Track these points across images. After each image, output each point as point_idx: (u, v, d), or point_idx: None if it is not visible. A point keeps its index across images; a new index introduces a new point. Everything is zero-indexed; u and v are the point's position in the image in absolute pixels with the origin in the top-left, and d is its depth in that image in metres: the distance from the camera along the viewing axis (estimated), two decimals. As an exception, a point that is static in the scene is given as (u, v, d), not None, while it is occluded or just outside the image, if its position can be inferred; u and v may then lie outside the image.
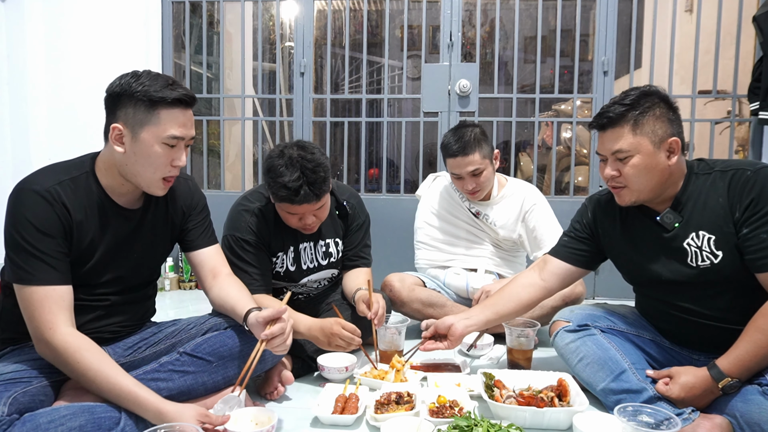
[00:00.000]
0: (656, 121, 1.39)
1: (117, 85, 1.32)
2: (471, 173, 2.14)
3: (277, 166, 1.67)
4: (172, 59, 3.25)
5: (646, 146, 1.39)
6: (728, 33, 2.94)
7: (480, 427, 1.29)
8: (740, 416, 1.29)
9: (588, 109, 3.27)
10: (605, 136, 1.44)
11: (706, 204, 1.41)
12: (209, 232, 1.64)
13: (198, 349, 1.44)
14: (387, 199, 3.12)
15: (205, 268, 1.60)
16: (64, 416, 1.15)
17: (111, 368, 1.25)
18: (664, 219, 1.46)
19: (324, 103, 3.36)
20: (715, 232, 1.39)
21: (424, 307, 2.18)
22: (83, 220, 1.34)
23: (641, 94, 1.41)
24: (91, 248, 1.37)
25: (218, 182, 3.44)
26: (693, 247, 1.42)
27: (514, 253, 2.39)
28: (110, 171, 1.38)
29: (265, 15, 3.92)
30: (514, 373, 1.67)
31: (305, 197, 1.67)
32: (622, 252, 1.59)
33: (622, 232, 1.58)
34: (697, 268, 1.42)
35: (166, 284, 3.12)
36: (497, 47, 3.13)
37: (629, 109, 1.40)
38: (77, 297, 1.35)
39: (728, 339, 1.37)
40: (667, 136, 1.40)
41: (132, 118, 1.30)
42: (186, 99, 1.34)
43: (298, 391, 1.70)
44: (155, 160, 1.33)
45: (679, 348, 1.57)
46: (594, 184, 3.03)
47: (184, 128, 1.34)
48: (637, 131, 1.39)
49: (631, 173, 1.41)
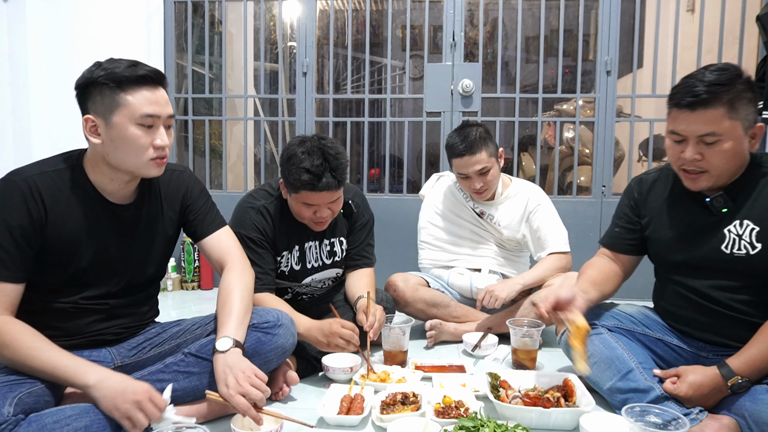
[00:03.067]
0: (748, 106, 1.31)
1: (81, 77, 1.30)
2: (478, 172, 2.14)
3: (298, 153, 1.68)
4: (174, 59, 3.24)
5: (739, 132, 1.31)
6: (731, 32, 2.94)
7: (486, 428, 1.28)
8: (749, 416, 1.28)
9: (590, 109, 3.27)
10: (694, 116, 1.31)
11: (759, 196, 1.38)
12: (212, 216, 1.59)
13: (203, 350, 1.43)
14: (389, 199, 3.12)
15: (213, 258, 1.57)
16: (69, 416, 1.15)
17: (43, 345, 1.22)
18: (714, 202, 1.42)
19: (326, 103, 3.36)
20: (760, 224, 1.37)
21: (428, 307, 2.18)
22: (64, 214, 1.31)
23: (732, 74, 1.30)
24: (76, 245, 1.33)
25: (220, 182, 3.43)
26: (733, 234, 1.40)
27: (518, 253, 2.38)
28: (98, 166, 1.35)
29: (266, 15, 3.92)
30: (519, 373, 1.66)
31: (327, 184, 1.67)
32: (660, 229, 1.55)
33: (666, 209, 1.54)
34: (731, 255, 1.40)
35: (169, 284, 3.12)
36: (500, 47, 3.13)
37: (725, 90, 1.28)
38: (75, 300, 1.34)
39: (742, 333, 1.36)
40: (754, 121, 1.34)
41: (101, 105, 1.28)
42: (152, 75, 1.30)
43: (303, 392, 1.70)
44: (134, 143, 1.29)
45: (687, 344, 1.56)
46: (597, 184, 3.02)
47: (156, 105, 1.30)
48: (732, 115, 1.29)
49: (717, 158, 1.33)
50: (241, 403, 1.27)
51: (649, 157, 3.22)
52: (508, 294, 2.04)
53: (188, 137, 3.27)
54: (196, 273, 3.19)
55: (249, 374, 1.32)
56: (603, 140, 3.00)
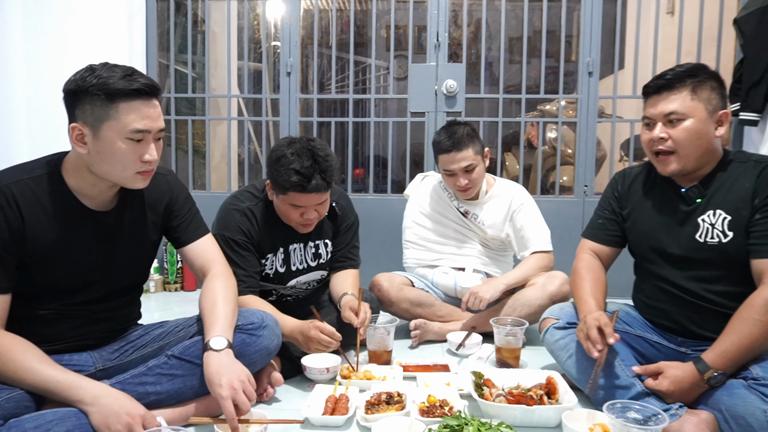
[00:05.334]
0: (711, 92, 1.44)
1: (72, 81, 1.23)
2: (464, 169, 2.15)
3: (287, 154, 1.67)
4: (156, 58, 3.21)
5: (701, 112, 1.43)
6: (709, 35, 2.99)
7: (470, 426, 1.29)
8: (725, 410, 1.31)
9: (573, 110, 3.31)
10: (660, 98, 1.46)
11: (732, 187, 1.46)
12: (196, 224, 1.56)
13: (186, 352, 1.42)
14: (374, 199, 3.12)
15: (195, 266, 1.55)
16: (50, 421, 1.13)
17: (33, 359, 1.20)
18: (689, 192, 1.51)
19: (310, 103, 3.35)
20: (732, 213, 1.45)
21: (413, 306, 2.19)
22: (42, 222, 1.27)
23: (697, 66, 1.46)
24: (54, 253, 1.29)
25: (203, 183, 3.40)
26: (706, 223, 1.47)
27: (502, 252, 2.40)
28: (79, 172, 1.30)
29: (250, 14, 3.89)
30: (503, 371, 1.68)
31: (316, 186, 1.67)
32: (640, 219, 1.63)
33: (644, 200, 1.62)
34: (704, 244, 1.47)
35: (151, 286, 3.08)
36: (483, 48, 3.15)
37: (688, 76, 1.43)
38: (55, 307, 1.32)
39: (719, 324, 1.41)
40: (719, 108, 1.45)
41: (90, 116, 1.22)
42: (147, 89, 1.24)
43: (288, 393, 1.69)
44: (121, 158, 1.24)
45: (667, 340, 1.59)
46: (579, 183, 3.06)
47: (148, 120, 1.25)
48: (694, 97, 1.43)
49: (682, 137, 1.43)
50: (230, 411, 1.25)
51: (630, 157, 3.27)
52: (492, 295, 2.06)
53: (171, 137, 3.23)
54: (179, 274, 3.16)
55: (243, 379, 1.30)
56: (585, 140, 3.04)
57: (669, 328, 1.59)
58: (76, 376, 1.23)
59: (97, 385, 1.23)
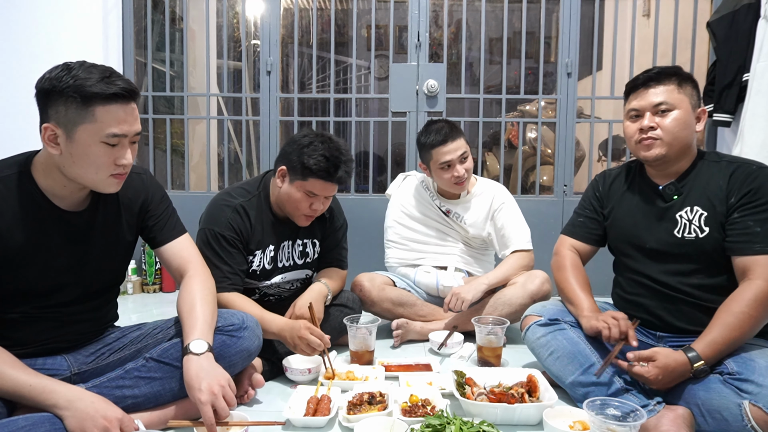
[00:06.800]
0: (692, 89, 1.55)
1: (46, 80, 1.18)
2: (461, 157, 2.18)
3: (312, 142, 1.74)
4: (133, 56, 3.15)
5: (687, 105, 1.52)
6: (684, 38, 3.06)
7: (452, 425, 1.29)
8: (701, 404, 1.34)
9: (552, 110, 3.34)
10: (648, 91, 1.54)
11: (707, 185, 1.53)
12: (173, 223, 1.53)
13: (165, 355, 1.39)
14: (355, 199, 3.11)
15: (172, 266, 1.52)
16: (22, 427, 1.10)
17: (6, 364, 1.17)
18: (666, 189, 1.57)
19: (291, 103, 3.32)
20: (707, 209, 1.51)
21: (395, 306, 2.19)
22: (11, 223, 1.23)
23: (678, 67, 1.57)
24: (23, 255, 1.25)
25: (182, 182, 3.35)
26: (684, 219, 1.53)
27: (483, 251, 2.42)
28: (49, 172, 1.26)
29: (229, 12, 3.85)
30: (484, 370, 1.69)
31: (340, 177, 1.75)
32: (620, 217, 1.69)
33: (624, 198, 1.69)
34: (682, 239, 1.53)
35: (129, 287, 3.02)
36: (464, 48, 3.16)
37: (673, 73, 1.53)
38: (25, 309, 1.28)
39: (694, 317, 1.48)
40: (697, 105, 1.55)
41: (64, 117, 1.17)
42: (125, 93, 1.19)
43: (269, 394, 1.68)
44: (95, 161, 1.21)
45: (645, 335, 1.63)
46: (558, 183, 3.09)
47: (125, 125, 1.21)
48: (680, 90, 1.52)
49: (670, 126, 1.51)
50: (209, 417, 1.24)
51: (608, 157, 3.32)
52: (474, 295, 2.07)
53: (149, 136, 3.18)
54: (157, 275, 3.11)
55: (224, 384, 1.29)
56: (564, 140, 3.08)
57: (647, 322, 1.62)
58: (50, 380, 1.20)
59: (71, 388, 1.21)
